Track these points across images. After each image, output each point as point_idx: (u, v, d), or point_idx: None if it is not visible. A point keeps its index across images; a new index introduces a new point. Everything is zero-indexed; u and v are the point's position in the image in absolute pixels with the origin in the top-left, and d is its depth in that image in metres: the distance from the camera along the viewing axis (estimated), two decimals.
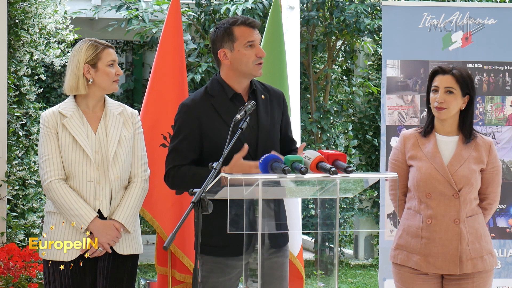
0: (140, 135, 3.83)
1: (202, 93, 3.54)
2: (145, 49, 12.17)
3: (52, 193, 3.64)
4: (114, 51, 3.76)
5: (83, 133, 3.68)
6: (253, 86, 3.55)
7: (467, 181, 3.65)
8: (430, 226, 3.66)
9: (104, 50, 3.70)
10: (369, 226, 9.40)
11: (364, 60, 9.52)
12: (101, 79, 3.69)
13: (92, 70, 3.68)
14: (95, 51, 3.68)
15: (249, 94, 3.55)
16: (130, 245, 3.74)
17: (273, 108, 3.59)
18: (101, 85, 3.70)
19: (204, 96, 3.52)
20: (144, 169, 3.81)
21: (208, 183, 2.96)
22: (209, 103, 3.49)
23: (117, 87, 3.76)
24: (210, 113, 3.47)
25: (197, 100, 3.51)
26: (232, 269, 3.50)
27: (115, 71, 3.71)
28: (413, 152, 3.74)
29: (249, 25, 3.49)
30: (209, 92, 3.53)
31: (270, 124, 3.54)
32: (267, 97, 3.58)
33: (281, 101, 3.63)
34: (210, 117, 3.47)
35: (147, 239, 9.60)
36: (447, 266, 3.66)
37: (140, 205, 3.78)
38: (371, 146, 9.31)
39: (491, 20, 5.31)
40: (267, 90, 3.62)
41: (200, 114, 3.47)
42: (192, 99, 3.54)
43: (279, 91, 3.67)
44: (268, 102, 3.57)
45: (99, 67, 3.68)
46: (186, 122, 3.48)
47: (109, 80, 3.70)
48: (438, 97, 3.65)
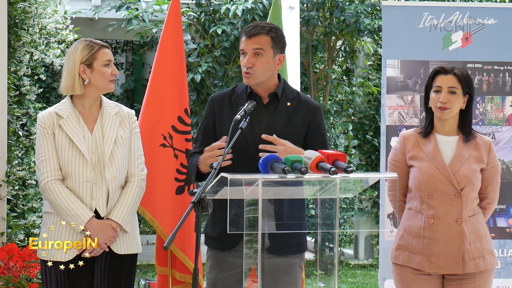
0: (137, 135, 3.83)
1: (231, 89, 3.70)
2: (145, 49, 12.17)
3: (48, 194, 3.64)
4: (110, 51, 3.75)
5: (79, 133, 3.68)
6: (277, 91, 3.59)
7: (468, 181, 3.65)
8: (432, 226, 3.66)
9: (100, 50, 3.70)
10: (369, 226, 9.41)
11: (364, 60, 9.52)
12: (97, 79, 3.69)
13: (87, 70, 3.67)
14: (91, 51, 3.68)
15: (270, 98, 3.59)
16: (127, 245, 3.74)
17: (297, 117, 3.59)
18: (97, 85, 3.70)
19: (229, 91, 3.68)
20: (141, 169, 3.81)
21: (208, 183, 2.97)
22: (230, 97, 3.63)
23: (113, 87, 3.76)
24: (226, 106, 3.61)
25: (222, 93, 3.70)
26: (230, 266, 3.53)
27: (111, 71, 3.71)
28: (413, 152, 3.74)
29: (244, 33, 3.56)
30: (235, 89, 3.67)
31: (283, 129, 3.54)
32: (294, 105, 3.60)
33: (310, 115, 3.62)
34: (224, 109, 3.60)
35: (147, 239, 9.61)
36: (450, 266, 3.66)
37: (137, 205, 3.78)
38: (371, 146, 9.31)
39: (491, 20, 5.31)
40: (298, 99, 3.63)
41: (218, 105, 3.64)
42: (218, 92, 3.74)
43: (313, 105, 3.67)
44: (292, 110, 3.59)
45: (94, 67, 3.68)
46: (206, 112, 3.69)
47: (104, 80, 3.70)
48: (441, 97, 3.65)
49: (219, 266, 3.57)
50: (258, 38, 3.52)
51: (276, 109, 3.57)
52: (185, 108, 4.66)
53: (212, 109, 3.64)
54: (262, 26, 3.56)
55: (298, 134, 3.57)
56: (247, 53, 3.53)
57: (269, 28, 3.56)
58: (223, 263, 3.56)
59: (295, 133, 3.56)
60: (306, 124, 3.60)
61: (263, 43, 3.52)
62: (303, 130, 3.59)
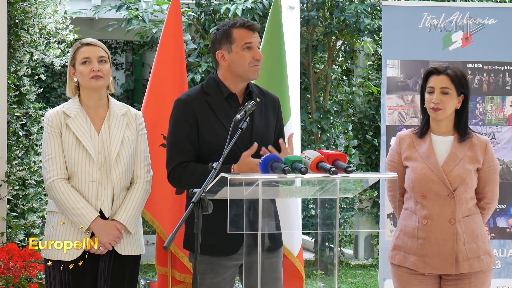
0: (144, 136, 3.84)
1: (198, 90, 3.56)
2: (145, 49, 12.18)
3: (54, 192, 3.64)
4: (93, 48, 3.70)
5: (86, 133, 3.68)
6: (250, 88, 3.56)
7: (462, 181, 3.65)
8: (426, 227, 3.67)
9: (80, 49, 3.72)
10: (369, 226, 9.41)
11: (364, 60, 9.52)
12: (79, 78, 3.72)
13: (75, 71, 3.73)
14: (73, 52, 3.74)
15: (245, 96, 3.56)
16: (131, 246, 3.74)
17: (268, 112, 3.59)
18: (82, 84, 3.73)
19: (200, 93, 3.54)
20: (147, 171, 3.81)
21: (208, 183, 2.97)
22: (205, 100, 3.51)
23: (100, 83, 3.69)
24: (205, 110, 3.48)
25: (193, 96, 3.53)
26: (225, 269, 3.52)
27: (90, 67, 3.68)
28: (408, 153, 3.74)
29: (248, 28, 3.49)
30: (205, 90, 3.54)
31: (264, 127, 3.55)
32: (262, 100, 3.59)
33: (276, 106, 3.65)
34: (205, 114, 3.48)
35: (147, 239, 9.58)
36: (444, 266, 3.66)
37: (142, 207, 3.78)
38: (371, 146, 9.31)
39: (491, 20, 5.31)
40: (262, 93, 3.63)
41: (196, 109, 3.49)
42: (188, 95, 3.56)
43: (274, 96, 3.68)
44: (263, 106, 3.58)
45: (76, 67, 3.72)
46: (183, 117, 3.49)
47: (84, 78, 3.70)
48: (434, 98, 3.66)
49: (214, 271, 3.51)
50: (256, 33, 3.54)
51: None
52: None
53: (192, 114, 3.48)
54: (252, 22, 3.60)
55: (272, 128, 3.60)
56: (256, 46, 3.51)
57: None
58: (219, 267, 3.52)
59: (271, 127, 3.58)
60: (275, 117, 3.62)
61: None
62: (274, 123, 3.62)
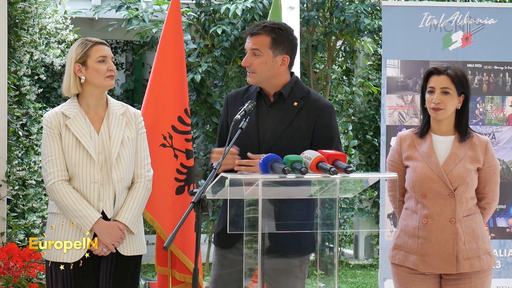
0: (143, 135, 3.82)
1: (245, 88, 3.71)
2: (145, 49, 12.16)
3: (55, 195, 3.61)
4: (107, 47, 3.70)
5: (86, 133, 3.66)
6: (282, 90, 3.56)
7: (462, 180, 3.65)
8: (426, 226, 3.67)
9: (93, 47, 3.67)
10: (369, 226, 9.41)
11: (364, 60, 9.52)
12: (92, 76, 3.66)
13: (83, 69, 3.65)
14: (84, 49, 3.66)
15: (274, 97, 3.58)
16: (133, 246, 3.73)
17: (302, 117, 3.54)
18: (94, 82, 3.67)
19: (244, 90, 3.69)
20: (147, 170, 3.80)
21: (208, 183, 2.97)
22: (243, 96, 3.63)
23: (113, 83, 3.71)
24: (238, 104, 3.50)
25: (236, 92, 3.72)
26: (231, 263, 3.54)
27: (107, 67, 3.67)
28: (409, 152, 3.74)
29: (247, 32, 3.57)
30: (249, 88, 3.67)
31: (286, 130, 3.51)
32: (301, 105, 3.56)
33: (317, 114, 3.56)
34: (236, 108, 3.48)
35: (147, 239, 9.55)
36: (444, 265, 3.66)
37: (143, 206, 3.77)
38: (371, 146, 9.31)
39: (491, 20, 5.31)
40: (307, 99, 3.58)
41: (231, 104, 3.65)
42: (235, 90, 3.76)
43: (322, 105, 3.60)
44: (298, 110, 3.55)
45: (88, 64, 3.65)
46: (222, 111, 3.72)
47: (100, 76, 3.66)
48: (434, 98, 3.66)
49: (220, 263, 3.59)
50: (257, 38, 3.51)
51: (282, 109, 3.54)
52: (185, 108, 4.66)
53: (226, 108, 3.68)
54: (264, 25, 3.52)
55: (301, 135, 3.52)
56: (248, 52, 3.53)
57: (271, 28, 3.51)
58: (224, 260, 3.58)
59: (298, 134, 3.52)
60: (312, 124, 3.54)
61: (260, 44, 3.50)
62: (308, 130, 3.53)
